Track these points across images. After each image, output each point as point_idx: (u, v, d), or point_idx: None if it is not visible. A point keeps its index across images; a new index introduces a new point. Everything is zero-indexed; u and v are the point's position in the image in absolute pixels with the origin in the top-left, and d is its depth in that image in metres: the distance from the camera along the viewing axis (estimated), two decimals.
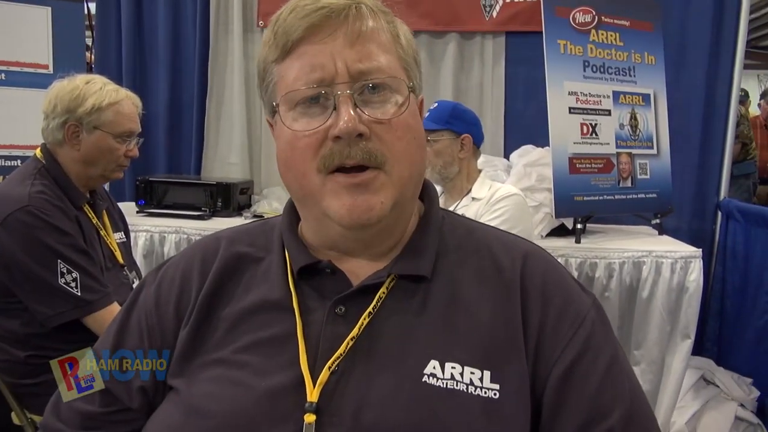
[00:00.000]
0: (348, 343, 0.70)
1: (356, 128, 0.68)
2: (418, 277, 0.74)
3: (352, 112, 0.68)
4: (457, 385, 0.67)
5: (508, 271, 0.75)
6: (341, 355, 0.70)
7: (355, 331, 0.70)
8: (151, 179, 2.98)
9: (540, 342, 0.71)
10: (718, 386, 2.64)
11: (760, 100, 5.25)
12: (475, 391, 0.67)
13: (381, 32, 0.72)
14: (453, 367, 0.68)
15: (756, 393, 2.58)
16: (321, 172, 0.70)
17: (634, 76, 2.78)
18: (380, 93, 0.71)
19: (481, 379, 0.68)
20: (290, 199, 0.82)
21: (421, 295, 0.73)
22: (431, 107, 2.08)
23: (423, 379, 0.68)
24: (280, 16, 0.72)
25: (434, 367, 0.68)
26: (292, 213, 0.82)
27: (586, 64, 2.64)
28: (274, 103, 0.73)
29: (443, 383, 0.67)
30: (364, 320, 0.71)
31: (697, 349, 2.74)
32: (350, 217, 0.69)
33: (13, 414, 1.61)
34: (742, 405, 2.56)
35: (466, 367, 0.68)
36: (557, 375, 0.69)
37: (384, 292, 0.73)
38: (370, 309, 0.72)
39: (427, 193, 0.82)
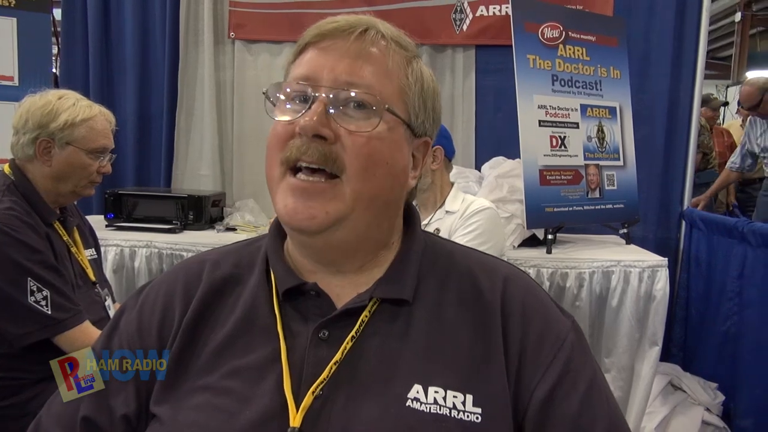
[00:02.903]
0: (331, 368, 0.70)
1: (315, 128, 0.69)
2: (400, 301, 0.74)
3: (317, 113, 0.69)
4: (440, 410, 0.68)
5: (488, 294, 0.76)
6: (325, 379, 0.70)
7: (338, 356, 0.71)
8: (120, 192, 2.93)
9: (521, 365, 0.72)
10: (685, 391, 2.72)
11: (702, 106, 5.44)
12: (458, 415, 0.68)
13: (385, 59, 0.73)
14: (436, 392, 0.69)
15: (721, 397, 2.66)
16: (282, 166, 0.71)
17: (601, 89, 2.85)
18: (361, 111, 0.71)
19: (463, 403, 0.69)
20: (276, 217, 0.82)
21: (403, 319, 0.74)
22: None
23: (407, 404, 0.68)
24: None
25: (417, 392, 0.69)
26: (278, 231, 0.82)
27: (555, 78, 2.70)
28: (263, 90, 0.76)
29: (427, 408, 0.68)
30: (347, 344, 0.71)
31: (664, 356, 2.81)
32: (290, 219, 0.71)
33: None
34: (708, 409, 2.63)
35: (449, 391, 0.69)
36: (539, 398, 0.71)
37: (366, 316, 0.73)
38: (353, 333, 0.72)
39: (409, 216, 0.83)
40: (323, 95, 0.70)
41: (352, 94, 0.71)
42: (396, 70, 0.74)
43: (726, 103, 5.38)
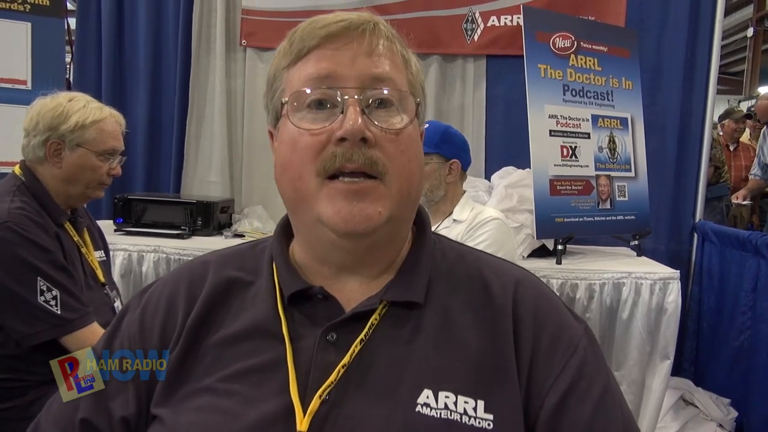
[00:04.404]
0: (339, 371, 0.68)
1: (362, 130, 0.67)
2: (410, 304, 0.73)
3: (358, 115, 0.67)
4: (451, 415, 0.66)
5: (499, 297, 0.74)
6: (332, 383, 0.68)
7: (346, 359, 0.69)
8: (129, 197, 2.94)
9: (533, 370, 0.70)
10: (697, 407, 2.67)
11: (720, 121, 5.34)
12: (469, 421, 0.66)
13: (395, 53, 0.73)
14: (447, 396, 0.67)
15: (734, 413, 2.61)
16: (320, 176, 0.68)
17: (612, 100, 2.84)
18: (388, 108, 0.70)
19: (474, 409, 0.66)
20: (282, 219, 0.80)
21: (413, 322, 0.72)
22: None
23: (417, 409, 0.66)
24: (298, 29, 0.73)
25: (428, 397, 0.67)
26: (283, 233, 0.80)
27: (566, 88, 2.69)
28: (283, 100, 0.71)
29: (437, 413, 0.66)
30: (355, 348, 0.69)
31: (676, 370, 2.77)
32: (346, 224, 0.67)
33: None
34: (720, 425, 2.59)
35: (459, 396, 0.67)
36: (551, 404, 0.69)
37: (376, 319, 0.71)
38: (361, 336, 0.70)
39: (419, 217, 0.81)
40: (354, 97, 0.68)
41: (385, 91, 0.69)
42: (404, 63, 0.74)
43: (749, 115, 5.25)
